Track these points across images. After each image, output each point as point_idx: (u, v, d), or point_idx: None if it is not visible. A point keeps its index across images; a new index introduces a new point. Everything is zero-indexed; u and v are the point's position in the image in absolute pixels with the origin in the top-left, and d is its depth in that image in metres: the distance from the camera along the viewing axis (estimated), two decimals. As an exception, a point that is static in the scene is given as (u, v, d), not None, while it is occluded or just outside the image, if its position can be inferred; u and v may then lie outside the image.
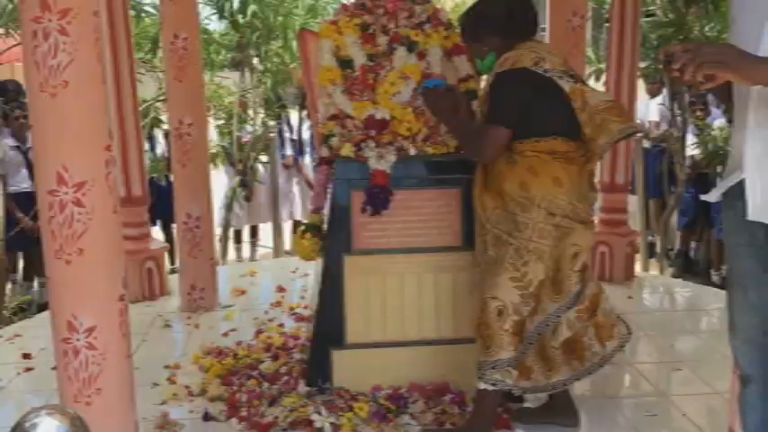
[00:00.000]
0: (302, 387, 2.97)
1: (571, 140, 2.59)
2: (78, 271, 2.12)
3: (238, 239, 6.91)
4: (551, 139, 2.57)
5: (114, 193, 2.18)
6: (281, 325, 3.91)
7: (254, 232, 7.00)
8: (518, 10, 2.65)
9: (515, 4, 2.65)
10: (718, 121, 5.41)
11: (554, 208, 2.55)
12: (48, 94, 2.02)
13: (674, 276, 5.75)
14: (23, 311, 5.15)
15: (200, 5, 4.65)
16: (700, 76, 1.54)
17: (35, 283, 5.75)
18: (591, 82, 5.37)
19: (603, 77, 4.75)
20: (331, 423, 2.75)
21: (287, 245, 6.93)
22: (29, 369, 3.51)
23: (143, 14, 5.64)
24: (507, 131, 2.54)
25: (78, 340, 2.14)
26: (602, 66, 5.23)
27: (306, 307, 4.08)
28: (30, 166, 5.48)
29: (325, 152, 3.09)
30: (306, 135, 6.56)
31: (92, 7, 2.06)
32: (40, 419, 1.06)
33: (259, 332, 3.79)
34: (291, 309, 4.16)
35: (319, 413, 2.78)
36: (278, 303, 4.27)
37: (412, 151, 2.98)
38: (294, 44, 5.82)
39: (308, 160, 6.60)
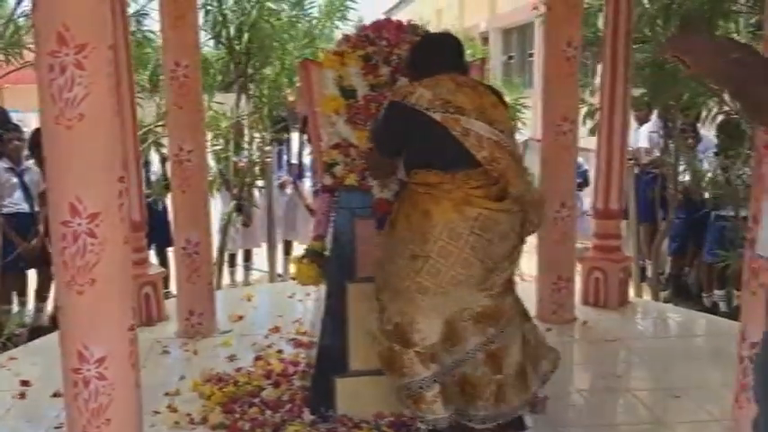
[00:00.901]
0: (307, 415, 2.98)
1: (447, 173, 2.57)
2: (90, 301, 2.13)
3: (232, 263, 6.90)
4: (425, 171, 2.61)
5: (126, 224, 2.20)
6: (280, 351, 3.91)
7: (247, 256, 6.99)
8: (419, 52, 2.87)
9: (418, 48, 2.91)
10: (710, 151, 5.51)
11: (421, 244, 2.53)
12: (63, 126, 2.04)
13: (666, 301, 5.81)
14: (16, 336, 5.11)
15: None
16: (668, 55, 1.68)
17: (30, 307, 5.69)
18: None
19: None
20: (335, 451, 2.76)
21: (279, 268, 6.94)
22: (22, 396, 3.49)
23: (143, 39, 5.68)
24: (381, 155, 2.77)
25: (89, 370, 2.15)
26: (593, 102, 5.31)
27: (305, 333, 4.08)
28: (25, 188, 5.46)
29: (328, 180, 3.13)
30: (306, 159, 6.59)
31: (107, 41, 2.09)
32: None
33: (258, 358, 3.79)
34: (298, 333, 4.16)
35: (323, 441, 2.79)
36: (276, 329, 4.27)
37: (415, 180, 3.02)
38: (290, 70, 5.88)
39: (307, 184, 6.63)
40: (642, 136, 6.41)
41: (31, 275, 5.65)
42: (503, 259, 2.61)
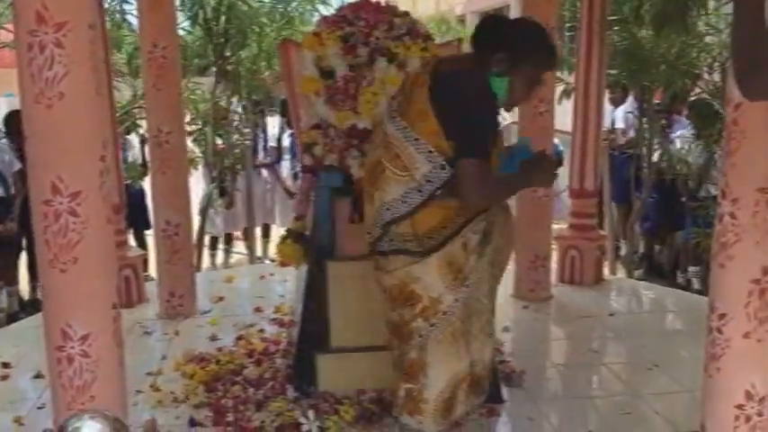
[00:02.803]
0: (291, 392, 3.03)
1: None
2: (73, 279, 2.14)
3: (214, 246, 6.89)
4: None
5: (108, 203, 2.21)
6: (262, 330, 3.95)
7: (228, 239, 6.99)
8: None
9: None
10: (680, 131, 5.60)
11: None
12: (43, 105, 2.04)
13: (640, 279, 5.92)
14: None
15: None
16: None
17: (3, 292, 5.65)
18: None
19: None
20: (318, 426, 2.81)
21: (259, 251, 6.95)
22: (4, 377, 3.50)
23: (121, 21, 5.63)
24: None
25: (72, 348, 2.16)
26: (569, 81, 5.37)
27: (286, 313, 4.12)
28: None
29: (308, 160, 3.16)
30: (286, 142, 6.58)
31: (87, 20, 2.09)
32: (82, 423, 1.09)
33: (239, 338, 3.83)
34: (277, 311, 4.20)
35: (306, 417, 2.84)
36: (258, 309, 4.30)
37: (394, 160, 3.06)
38: (269, 53, 5.87)
39: (285, 167, 6.63)
40: (619, 117, 6.49)
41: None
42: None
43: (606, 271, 5.17)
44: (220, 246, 6.97)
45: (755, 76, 1.53)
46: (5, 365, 3.59)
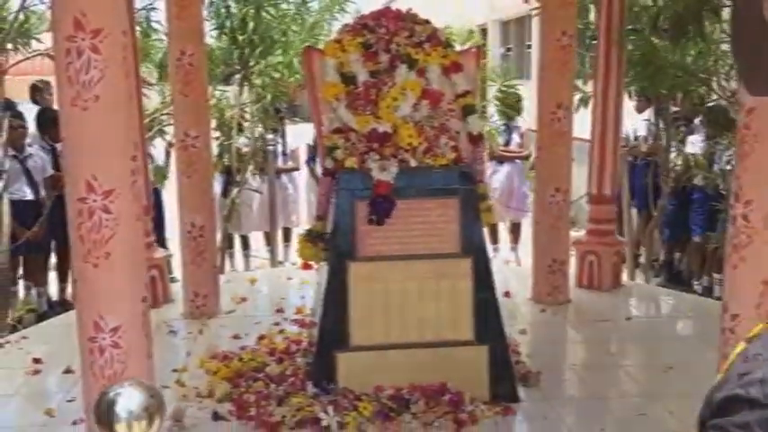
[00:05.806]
0: (310, 388, 3.11)
1: None
2: (105, 274, 2.25)
3: (230, 245, 6.98)
4: None
5: (139, 201, 2.33)
6: (283, 330, 4.04)
7: (245, 244, 7.08)
8: None
9: None
10: (694, 137, 5.63)
11: None
12: (79, 108, 2.16)
13: (659, 285, 5.93)
14: (20, 321, 5.21)
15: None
16: None
17: (33, 292, 5.79)
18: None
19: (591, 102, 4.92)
20: (337, 422, 2.89)
21: (280, 255, 7.04)
22: (35, 372, 3.62)
23: (149, 29, 5.77)
24: None
25: (104, 339, 2.27)
26: (587, 90, 5.41)
27: (307, 313, 4.20)
28: (28, 175, 5.51)
29: (329, 163, 3.25)
30: None
31: (121, 27, 2.21)
32: (123, 390, 1.18)
33: (261, 337, 3.92)
34: (298, 312, 4.29)
35: (326, 412, 2.92)
36: (280, 310, 4.40)
37: (413, 163, 3.15)
38: (294, 61, 5.98)
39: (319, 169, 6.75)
40: (640, 125, 6.50)
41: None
42: None
43: (624, 277, 5.19)
44: (237, 248, 7.05)
45: (758, 69, 1.60)
46: (37, 361, 3.71)
